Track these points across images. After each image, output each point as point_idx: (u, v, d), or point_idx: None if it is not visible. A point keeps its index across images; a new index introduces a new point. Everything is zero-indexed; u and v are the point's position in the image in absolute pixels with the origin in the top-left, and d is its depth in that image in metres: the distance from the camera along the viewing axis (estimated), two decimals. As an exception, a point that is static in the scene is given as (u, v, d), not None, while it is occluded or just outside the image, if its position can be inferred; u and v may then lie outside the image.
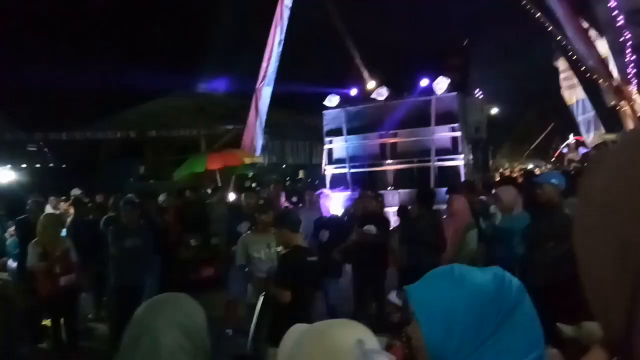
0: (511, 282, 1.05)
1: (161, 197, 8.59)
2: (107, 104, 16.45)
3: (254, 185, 9.75)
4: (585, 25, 12.82)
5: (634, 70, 11.18)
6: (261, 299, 4.36)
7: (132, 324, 1.31)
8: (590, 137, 22.08)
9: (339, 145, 11.84)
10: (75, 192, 9.87)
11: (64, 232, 6.28)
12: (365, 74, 12.90)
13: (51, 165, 13.96)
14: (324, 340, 1.02)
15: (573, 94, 22.07)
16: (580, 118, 22.24)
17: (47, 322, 5.95)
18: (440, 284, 1.06)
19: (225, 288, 6.42)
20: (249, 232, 5.52)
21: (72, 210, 8.05)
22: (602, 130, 21.37)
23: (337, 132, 11.78)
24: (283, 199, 9.31)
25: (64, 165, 14.25)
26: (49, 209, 7.97)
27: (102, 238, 6.38)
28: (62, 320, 5.77)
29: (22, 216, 6.73)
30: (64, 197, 9.77)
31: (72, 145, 14.72)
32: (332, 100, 11.68)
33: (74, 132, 13.44)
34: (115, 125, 14.85)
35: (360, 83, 12.49)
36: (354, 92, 11.89)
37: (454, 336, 0.99)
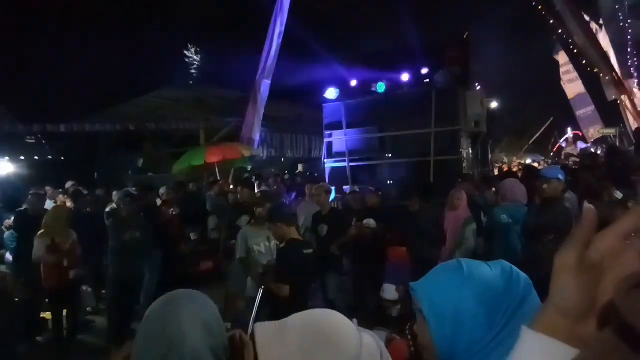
0: (519, 277, 1.03)
1: (162, 190, 8.55)
2: (106, 97, 16.40)
3: (253, 178, 9.69)
4: (587, 18, 12.76)
5: (635, 64, 11.15)
6: (260, 292, 4.34)
7: (150, 318, 1.28)
8: (590, 132, 22.08)
9: (338, 139, 11.80)
10: (69, 184, 9.78)
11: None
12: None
13: (49, 157, 13.89)
14: (325, 331, 1.03)
15: (573, 87, 22.05)
16: (579, 112, 22.23)
17: (46, 314, 5.95)
18: (449, 281, 1.02)
19: (225, 281, 6.41)
20: (248, 225, 5.50)
21: (69, 203, 8.02)
22: (601, 124, 21.34)
23: (336, 125, 11.73)
24: (283, 191, 9.29)
25: (62, 158, 14.18)
26: (48, 203, 7.92)
27: (105, 231, 6.36)
28: (64, 312, 5.78)
29: (22, 209, 6.71)
30: (61, 190, 9.72)
31: (71, 138, 14.65)
32: (331, 93, 11.62)
33: (72, 125, 13.34)
34: (113, 118, 14.77)
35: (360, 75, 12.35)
36: (353, 83, 11.79)
37: (464, 335, 0.97)
